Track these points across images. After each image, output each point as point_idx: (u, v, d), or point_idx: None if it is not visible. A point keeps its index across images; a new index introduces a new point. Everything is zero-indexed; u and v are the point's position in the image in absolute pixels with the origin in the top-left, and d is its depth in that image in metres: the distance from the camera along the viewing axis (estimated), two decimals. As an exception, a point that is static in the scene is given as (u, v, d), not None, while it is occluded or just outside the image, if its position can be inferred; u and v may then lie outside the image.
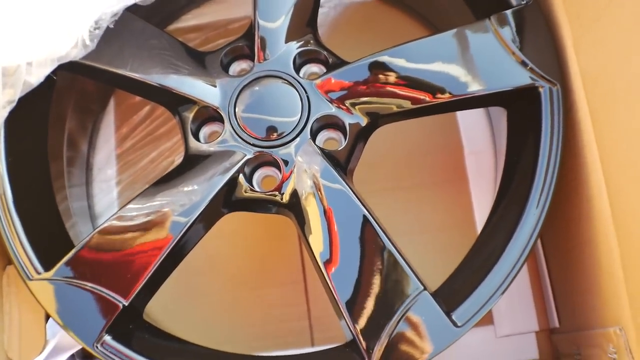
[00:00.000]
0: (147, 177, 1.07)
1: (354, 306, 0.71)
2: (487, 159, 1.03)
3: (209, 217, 0.77)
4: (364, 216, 0.74)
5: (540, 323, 0.97)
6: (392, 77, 0.78)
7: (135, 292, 0.73)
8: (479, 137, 1.04)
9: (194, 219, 0.74)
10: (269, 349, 1.00)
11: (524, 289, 0.98)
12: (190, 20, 1.11)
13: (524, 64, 0.76)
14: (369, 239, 0.73)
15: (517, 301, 0.98)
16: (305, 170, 0.76)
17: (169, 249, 0.74)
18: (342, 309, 0.71)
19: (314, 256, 0.73)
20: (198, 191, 0.76)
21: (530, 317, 0.98)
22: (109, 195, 1.07)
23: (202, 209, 0.75)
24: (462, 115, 1.06)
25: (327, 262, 0.73)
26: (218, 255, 1.04)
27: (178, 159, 1.06)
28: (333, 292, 0.72)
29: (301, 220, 0.75)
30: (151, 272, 0.73)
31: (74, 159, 1.03)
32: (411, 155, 1.06)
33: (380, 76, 0.78)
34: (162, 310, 1.00)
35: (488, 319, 0.99)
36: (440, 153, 1.06)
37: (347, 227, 0.74)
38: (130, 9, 0.78)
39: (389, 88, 0.78)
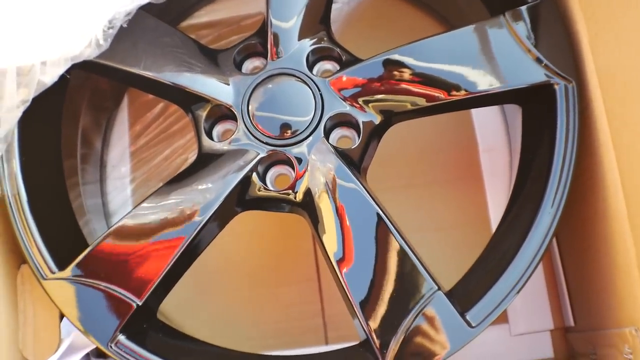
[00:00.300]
0: (161, 174, 1.07)
1: (367, 306, 0.71)
2: (501, 156, 1.02)
3: (222, 216, 0.77)
4: (378, 215, 0.73)
5: (556, 321, 0.97)
6: (405, 75, 0.77)
7: (149, 292, 0.73)
8: (494, 134, 1.04)
9: (207, 217, 0.74)
10: (283, 346, 1.00)
11: (539, 287, 0.97)
12: (203, 16, 1.11)
13: (539, 60, 0.75)
14: (383, 238, 0.73)
15: (532, 299, 0.97)
16: (319, 169, 0.76)
17: (183, 248, 0.74)
18: (355, 309, 0.71)
19: (328, 256, 0.73)
20: (211, 190, 0.76)
21: (545, 315, 0.97)
22: (123, 192, 1.07)
23: (215, 208, 0.75)
24: (476, 113, 1.05)
25: (341, 262, 0.72)
26: (232, 254, 1.04)
27: (192, 156, 1.06)
28: (347, 291, 0.72)
29: (315, 219, 0.75)
30: (165, 271, 0.74)
31: (88, 156, 1.03)
32: (425, 152, 1.05)
33: (394, 73, 0.77)
34: (177, 309, 1.01)
35: (503, 317, 0.98)
36: (455, 150, 1.05)
37: (361, 226, 0.74)
38: (144, 7, 0.77)
39: (403, 85, 0.77)
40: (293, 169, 0.77)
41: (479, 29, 0.78)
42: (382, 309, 0.71)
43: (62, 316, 0.81)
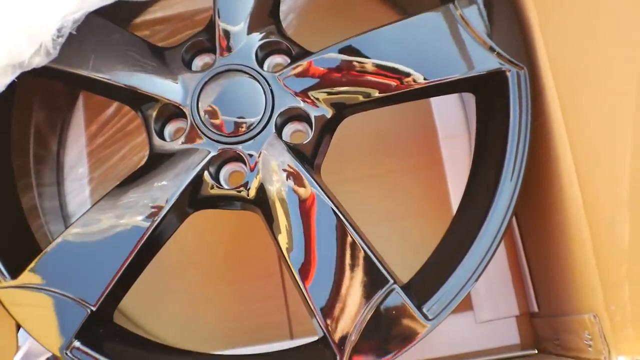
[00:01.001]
0: (118, 174, 1.06)
1: (323, 303, 0.70)
2: (462, 143, 1.02)
3: (174, 217, 0.76)
4: (332, 211, 0.73)
5: (521, 307, 0.96)
6: (357, 66, 0.76)
7: (103, 297, 0.72)
8: (454, 121, 1.03)
9: (158, 220, 0.73)
10: (248, 343, 0.99)
11: (504, 273, 0.97)
12: (157, 12, 1.09)
13: (490, 48, 0.74)
14: (338, 234, 0.72)
15: (497, 286, 0.97)
16: (271, 165, 0.75)
17: (135, 252, 0.73)
18: (312, 306, 0.71)
19: (283, 254, 0.72)
20: (163, 191, 0.74)
21: (510, 301, 0.97)
22: (81, 194, 1.06)
23: (166, 210, 0.73)
24: (435, 100, 1.04)
25: (296, 260, 0.72)
26: (194, 251, 1.03)
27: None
28: (302, 289, 0.71)
29: (269, 218, 0.74)
30: (118, 276, 0.72)
31: (44, 158, 1.02)
32: (384, 141, 1.04)
33: (344, 65, 0.76)
34: (138, 308, 1.00)
35: (467, 305, 0.98)
36: (415, 138, 1.04)
37: (315, 223, 0.73)
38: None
39: (354, 77, 0.76)
40: (246, 165, 0.76)
41: (429, 18, 0.77)
42: (338, 305, 0.70)
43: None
